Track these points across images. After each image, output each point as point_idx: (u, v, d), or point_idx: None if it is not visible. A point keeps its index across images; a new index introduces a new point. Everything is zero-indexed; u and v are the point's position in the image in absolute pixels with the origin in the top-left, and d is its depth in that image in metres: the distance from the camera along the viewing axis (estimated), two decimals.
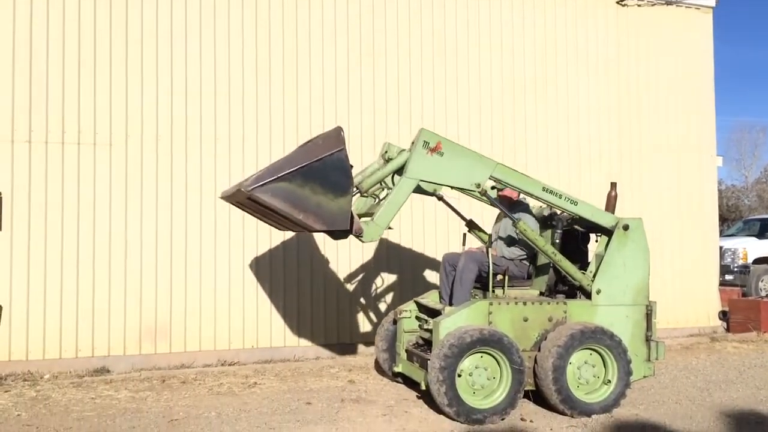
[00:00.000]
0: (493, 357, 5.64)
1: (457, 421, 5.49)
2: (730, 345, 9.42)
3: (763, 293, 13.26)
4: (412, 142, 5.85)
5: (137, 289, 7.76)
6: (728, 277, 13.82)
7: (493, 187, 6.36)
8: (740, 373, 7.65)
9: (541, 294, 6.55)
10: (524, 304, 5.96)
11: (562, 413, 5.74)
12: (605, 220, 6.25)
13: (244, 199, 5.22)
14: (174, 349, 7.87)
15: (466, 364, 5.59)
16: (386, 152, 6.28)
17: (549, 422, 5.64)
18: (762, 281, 13.48)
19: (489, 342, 5.56)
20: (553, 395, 5.68)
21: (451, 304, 6.25)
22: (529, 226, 6.10)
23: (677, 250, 10.22)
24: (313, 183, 5.03)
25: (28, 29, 7.50)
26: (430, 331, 5.93)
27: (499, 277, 6.37)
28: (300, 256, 8.45)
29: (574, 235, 6.59)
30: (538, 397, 5.96)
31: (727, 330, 10.50)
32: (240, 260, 8.19)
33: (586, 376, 5.87)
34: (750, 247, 14.73)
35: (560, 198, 6.10)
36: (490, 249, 6.39)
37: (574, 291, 6.30)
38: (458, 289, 6.27)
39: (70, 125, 7.61)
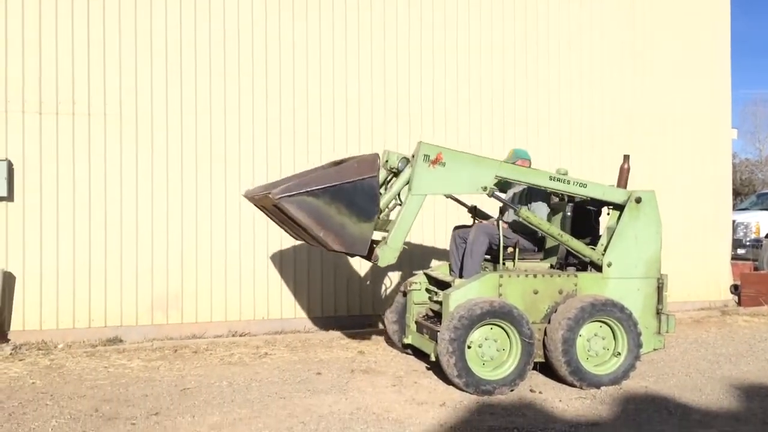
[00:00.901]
0: (503, 329, 5.65)
1: (466, 391, 5.52)
2: (741, 319, 9.40)
3: None
4: (412, 155, 5.75)
5: (149, 260, 7.81)
6: (740, 251, 13.75)
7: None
8: (750, 346, 7.64)
9: (552, 267, 6.53)
10: (534, 276, 5.95)
11: (571, 385, 5.76)
12: (617, 196, 6.20)
13: (269, 204, 5.28)
14: (185, 319, 7.93)
15: (476, 335, 5.60)
16: (387, 161, 6.23)
17: (558, 393, 5.66)
18: None
19: (499, 314, 5.57)
20: (562, 367, 5.70)
21: (461, 277, 6.25)
22: (531, 212, 6.04)
23: (690, 223, 10.14)
24: (340, 203, 5.11)
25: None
26: (440, 303, 5.94)
27: (510, 249, 6.35)
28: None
29: (585, 209, 6.55)
30: (547, 368, 5.98)
31: (739, 304, 10.47)
32: (251, 231, 8.20)
33: (596, 348, 5.87)
34: (763, 221, 14.61)
35: (568, 184, 6.04)
36: (500, 221, 6.37)
37: (585, 264, 6.28)
38: (468, 262, 6.27)
39: (80, 97, 7.59)
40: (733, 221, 12.86)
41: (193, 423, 4.82)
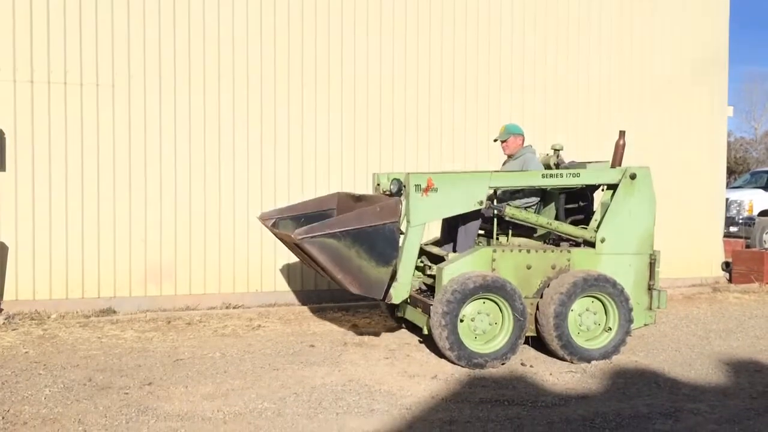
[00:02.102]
0: (496, 303, 5.68)
1: (458, 364, 5.56)
2: (731, 295, 9.47)
3: (767, 245, 13.26)
4: (403, 187, 5.75)
5: (142, 232, 7.79)
6: (733, 228, 13.80)
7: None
8: (740, 323, 7.70)
9: (545, 242, 6.55)
10: (528, 251, 5.96)
11: (562, 359, 5.81)
12: (611, 177, 6.19)
13: (290, 241, 5.39)
14: (179, 291, 7.94)
15: (469, 309, 5.63)
16: (378, 184, 6.35)
17: (548, 367, 5.71)
18: (766, 233, 13.46)
19: (492, 288, 5.59)
20: (553, 341, 5.74)
21: (455, 251, 6.26)
22: (517, 210, 6.05)
23: (683, 200, 10.16)
24: (360, 247, 5.21)
25: None
26: (433, 276, 5.96)
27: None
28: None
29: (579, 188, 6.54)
30: (538, 342, 6.02)
31: (730, 281, 10.55)
32: (245, 204, 8.18)
33: (587, 323, 5.92)
34: (756, 200, 14.66)
35: (562, 177, 6.05)
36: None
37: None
38: (462, 236, 6.27)
39: (72, 65, 7.50)
40: (727, 199, 12.89)
41: (186, 393, 4.85)
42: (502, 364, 5.64)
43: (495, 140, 6.74)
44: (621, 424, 4.43)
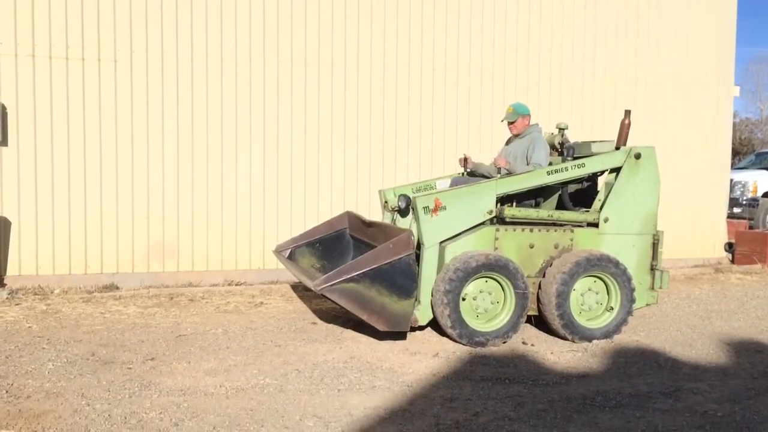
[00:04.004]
0: (498, 282, 5.68)
1: (460, 342, 5.58)
2: (734, 276, 9.47)
3: None
4: (412, 207, 5.80)
5: (144, 207, 7.79)
6: (736, 210, 13.75)
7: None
8: (742, 303, 7.71)
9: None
10: (531, 230, 5.94)
11: (564, 338, 5.83)
12: (616, 160, 6.13)
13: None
14: (181, 267, 7.96)
15: (471, 288, 5.63)
16: (386, 201, 6.42)
17: (550, 346, 5.72)
18: None
19: (494, 267, 5.59)
20: (555, 320, 5.75)
21: None
22: (516, 209, 5.96)
23: (687, 180, 10.13)
24: (380, 285, 5.27)
25: None
26: None
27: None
28: (307, 180, 8.42)
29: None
30: (539, 322, 6.03)
31: (732, 262, 10.54)
32: (247, 180, 8.17)
33: (589, 302, 5.92)
34: (761, 181, 14.58)
35: (567, 171, 6.00)
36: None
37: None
38: None
39: (73, 41, 7.45)
40: (731, 180, 12.83)
41: (188, 368, 4.87)
42: (504, 342, 5.66)
43: (502, 121, 6.69)
44: (621, 402, 4.44)
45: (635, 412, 4.28)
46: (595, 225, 6.10)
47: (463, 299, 5.60)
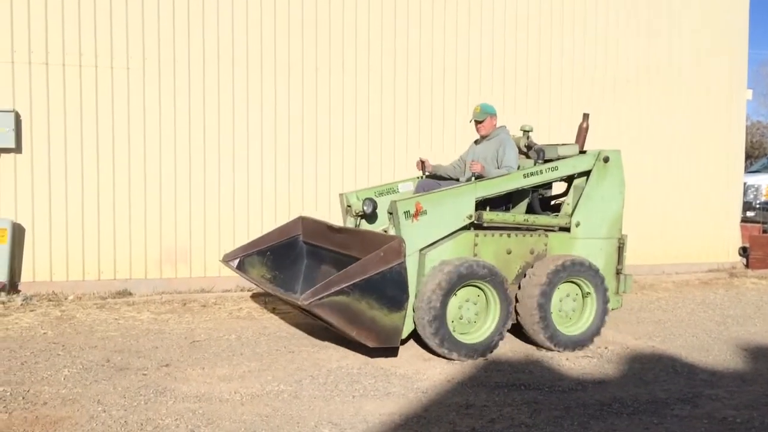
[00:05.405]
0: (482, 290, 5.47)
1: (449, 358, 5.36)
2: (748, 281, 9.40)
3: None
4: (389, 212, 5.45)
5: (157, 214, 7.81)
6: (750, 213, 13.64)
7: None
8: (758, 308, 7.64)
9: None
10: (508, 236, 5.76)
11: (547, 349, 5.66)
12: (587, 163, 6.08)
13: (297, 307, 5.15)
14: (194, 273, 7.97)
15: (455, 299, 5.41)
16: (350, 206, 6.10)
17: (564, 352, 5.68)
18: None
19: (482, 275, 5.37)
20: (539, 333, 5.57)
21: None
22: (494, 213, 5.75)
23: (701, 184, 10.07)
24: (370, 297, 4.92)
25: None
26: None
27: None
28: (319, 187, 8.42)
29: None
30: (515, 328, 5.81)
31: (747, 266, 10.45)
32: (258, 188, 8.17)
33: (567, 309, 5.80)
34: None
35: (542, 174, 5.90)
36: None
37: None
38: None
39: (86, 48, 7.49)
40: (744, 183, 12.74)
41: (203, 374, 4.87)
42: (491, 352, 5.46)
43: (470, 121, 6.45)
44: (638, 409, 4.41)
45: (653, 418, 4.25)
46: (567, 229, 6.01)
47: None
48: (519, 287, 5.72)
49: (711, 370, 5.29)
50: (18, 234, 7.31)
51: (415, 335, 5.48)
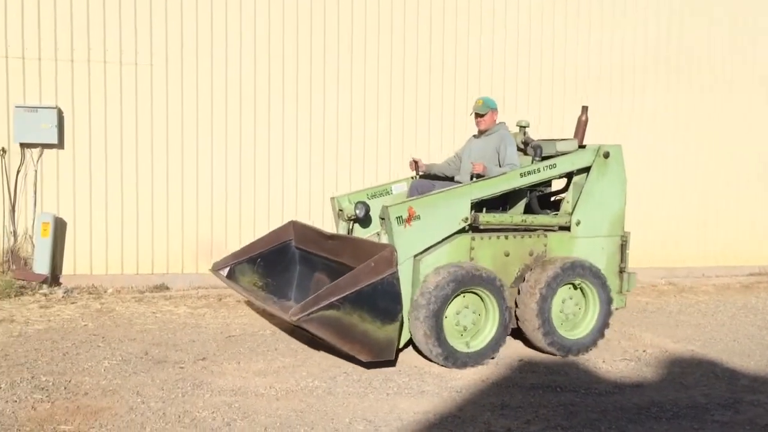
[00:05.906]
0: (479, 296, 5.31)
1: (445, 366, 5.18)
2: None
3: None
4: (381, 218, 5.24)
5: (194, 209, 7.90)
6: None
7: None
8: None
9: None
10: (506, 238, 5.58)
11: (549, 353, 5.52)
12: (586, 159, 5.89)
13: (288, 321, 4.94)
14: None
15: (452, 306, 5.25)
16: (341, 210, 5.96)
17: (601, 354, 5.63)
18: None
19: (480, 281, 5.19)
20: (540, 339, 5.42)
21: None
22: (490, 215, 5.60)
23: (741, 186, 9.82)
24: (362, 310, 4.70)
25: None
26: None
27: None
28: (353, 177, 8.39)
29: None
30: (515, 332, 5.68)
31: None
32: (293, 180, 8.20)
33: (568, 312, 5.64)
34: None
35: (540, 172, 5.70)
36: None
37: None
38: None
39: (127, 46, 7.61)
40: None
41: (239, 369, 4.93)
42: (492, 359, 5.31)
43: (471, 114, 6.26)
44: (678, 413, 4.33)
45: (693, 424, 4.17)
46: (567, 228, 5.85)
47: (445, 317, 5.14)
48: (518, 292, 5.53)
49: (753, 375, 5.16)
50: (60, 228, 7.47)
51: (412, 343, 5.34)
